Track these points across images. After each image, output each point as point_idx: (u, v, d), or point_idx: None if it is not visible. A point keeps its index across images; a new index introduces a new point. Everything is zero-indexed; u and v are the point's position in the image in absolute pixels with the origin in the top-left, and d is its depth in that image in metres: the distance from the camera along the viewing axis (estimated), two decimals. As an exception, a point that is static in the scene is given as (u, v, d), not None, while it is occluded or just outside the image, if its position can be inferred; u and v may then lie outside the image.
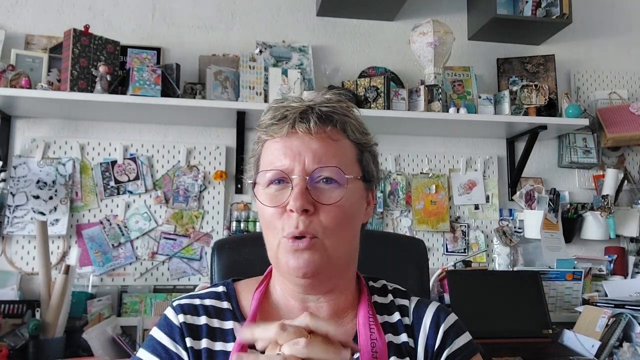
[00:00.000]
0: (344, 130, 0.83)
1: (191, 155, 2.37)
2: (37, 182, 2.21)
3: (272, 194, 0.80)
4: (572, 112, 2.44)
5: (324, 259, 0.78)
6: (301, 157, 0.79)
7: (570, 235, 2.56)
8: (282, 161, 0.79)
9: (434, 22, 2.37)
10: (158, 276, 2.26)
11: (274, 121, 0.81)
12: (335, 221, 0.78)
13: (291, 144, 0.80)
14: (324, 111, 0.82)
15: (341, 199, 0.78)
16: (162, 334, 0.83)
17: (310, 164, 0.78)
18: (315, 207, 0.78)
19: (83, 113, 2.25)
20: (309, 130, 0.79)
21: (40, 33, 2.33)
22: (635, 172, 2.73)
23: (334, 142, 0.81)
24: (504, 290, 2.15)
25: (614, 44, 2.84)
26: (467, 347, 0.87)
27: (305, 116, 0.80)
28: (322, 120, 0.81)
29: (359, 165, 0.84)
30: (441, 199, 2.53)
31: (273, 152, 0.81)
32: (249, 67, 2.28)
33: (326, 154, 0.79)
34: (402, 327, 0.87)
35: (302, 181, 0.77)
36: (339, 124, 0.82)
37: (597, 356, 1.91)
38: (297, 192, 0.76)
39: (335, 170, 0.79)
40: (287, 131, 0.80)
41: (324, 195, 0.78)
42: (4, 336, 1.81)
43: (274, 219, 0.79)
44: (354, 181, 0.81)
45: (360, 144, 0.85)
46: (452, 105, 2.39)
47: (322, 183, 0.79)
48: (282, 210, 0.78)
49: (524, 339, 2.03)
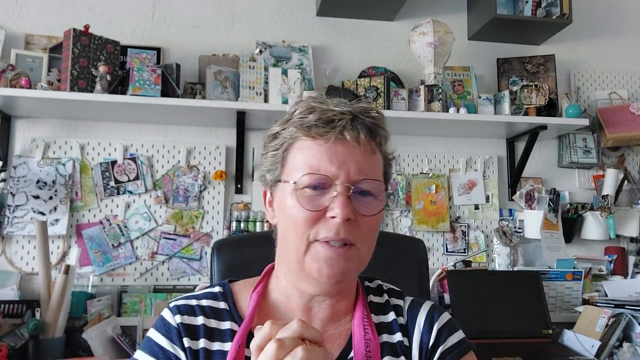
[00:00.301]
0: (381, 145, 0.84)
1: (191, 155, 2.37)
2: (37, 182, 2.21)
3: (308, 196, 0.78)
4: (572, 112, 2.44)
5: (356, 267, 0.81)
6: (347, 165, 0.78)
7: (570, 235, 2.56)
8: (326, 166, 0.78)
9: (434, 22, 2.37)
10: (158, 276, 2.26)
11: (319, 123, 0.80)
12: (371, 231, 0.81)
13: (336, 150, 0.79)
14: (371, 123, 0.82)
15: (380, 211, 0.81)
16: (159, 335, 0.83)
17: (354, 174, 0.78)
18: (355, 218, 0.78)
19: (83, 113, 2.25)
20: (358, 140, 0.80)
21: (40, 33, 2.33)
22: (635, 172, 2.73)
23: (374, 156, 0.82)
24: (504, 290, 2.15)
25: (614, 44, 2.84)
26: (460, 345, 0.88)
27: (355, 125, 0.80)
28: (370, 132, 0.81)
29: (384, 177, 0.86)
30: (441, 199, 2.53)
31: (315, 154, 0.79)
32: (249, 67, 2.28)
33: (368, 166, 0.80)
34: (397, 326, 0.88)
35: (346, 190, 0.77)
36: (380, 138, 0.84)
37: (597, 356, 1.91)
38: (343, 201, 0.76)
39: (378, 184, 0.81)
40: (334, 137, 0.79)
41: (363, 206, 0.79)
42: (4, 336, 1.81)
43: (308, 222, 0.78)
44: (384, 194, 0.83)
45: (387, 159, 0.87)
46: (452, 105, 2.39)
47: (359, 194, 0.79)
48: (319, 215, 0.78)
49: (524, 339, 2.03)
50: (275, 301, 0.87)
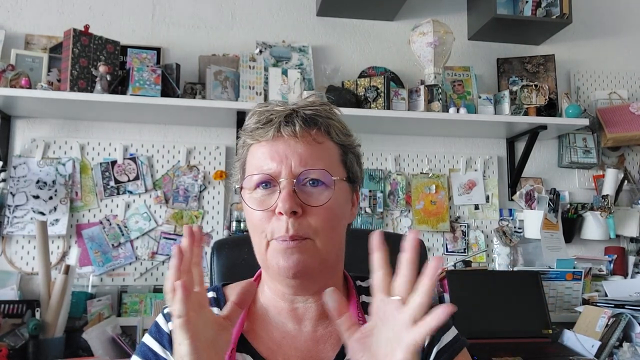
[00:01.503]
0: (328, 133, 0.84)
1: (191, 155, 2.37)
2: (37, 182, 2.21)
3: (259, 197, 0.81)
4: (572, 112, 2.44)
5: (314, 259, 0.80)
6: (288, 160, 0.79)
7: (570, 235, 2.56)
8: (268, 165, 0.80)
9: (434, 22, 2.37)
10: (158, 276, 2.26)
11: (259, 125, 0.82)
12: (325, 222, 0.80)
13: (277, 147, 0.81)
14: (308, 114, 0.82)
15: (329, 200, 0.80)
16: (153, 340, 0.85)
17: (296, 167, 0.79)
18: (304, 210, 0.79)
19: (83, 113, 2.25)
20: (295, 133, 0.80)
21: (40, 33, 2.33)
22: (635, 172, 2.73)
23: (318, 145, 0.82)
24: (504, 290, 2.15)
25: (614, 44, 2.84)
26: (454, 342, 0.88)
27: (290, 120, 0.81)
28: (307, 123, 0.82)
29: (344, 166, 0.85)
30: (441, 199, 2.53)
31: (259, 155, 0.82)
32: (249, 67, 2.28)
33: (312, 157, 0.80)
34: None
35: (290, 184, 0.78)
36: (323, 126, 0.83)
37: (597, 356, 1.91)
38: (285, 195, 0.77)
39: (322, 172, 0.80)
40: (272, 135, 0.81)
41: (311, 197, 0.79)
42: (4, 336, 1.81)
43: (263, 222, 0.80)
44: (339, 182, 0.82)
45: (344, 146, 0.86)
46: (452, 105, 2.39)
47: (309, 186, 0.80)
48: (271, 213, 0.79)
49: (524, 339, 2.03)
50: (264, 305, 0.88)
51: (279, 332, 0.85)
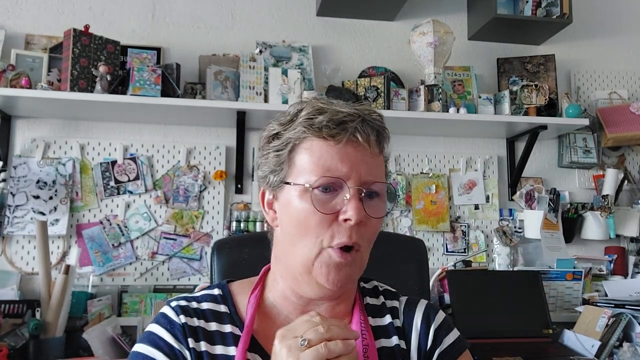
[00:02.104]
0: (384, 146, 0.85)
1: (191, 155, 2.37)
2: (37, 182, 2.21)
3: (320, 199, 0.77)
4: (572, 112, 2.44)
5: (357, 270, 0.81)
6: (358, 167, 0.78)
7: (570, 235, 2.56)
8: (339, 168, 0.77)
9: (434, 22, 2.37)
10: (158, 276, 2.26)
11: (331, 124, 0.78)
12: (374, 234, 0.82)
13: (347, 151, 0.78)
14: (377, 125, 0.82)
15: (384, 214, 0.81)
16: (164, 330, 0.81)
17: (365, 176, 0.78)
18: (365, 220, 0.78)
19: (83, 113, 2.25)
20: (368, 141, 0.79)
21: (40, 33, 2.33)
22: (636, 172, 2.73)
23: (379, 157, 0.83)
24: (504, 290, 2.15)
25: (614, 44, 2.84)
26: (456, 344, 0.88)
27: (365, 128, 0.80)
28: (378, 134, 0.82)
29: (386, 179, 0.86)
30: (441, 199, 2.53)
31: (325, 155, 0.78)
32: (249, 67, 2.28)
33: (377, 169, 0.81)
34: (394, 329, 0.87)
35: (358, 192, 0.77)
36: (383, 139, 0.84)
37: (597, 356, 1.91)
38: (356, 203, 0.76)
39: (384, 186, 0.81)
40: (346, 138, 0.78)
41: (372, 209, 0.79)
42: (4, 336, 1.81)
43: (320, 225, 0.77)
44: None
45: (386, 158, 0.87)
46: (452, 105, 2.39)
47: (368, 197, 0.79)
48: (333, 218, 0.77)
49: (524, 339, 2.03)
50: (272, 303, 0.87)
51: None
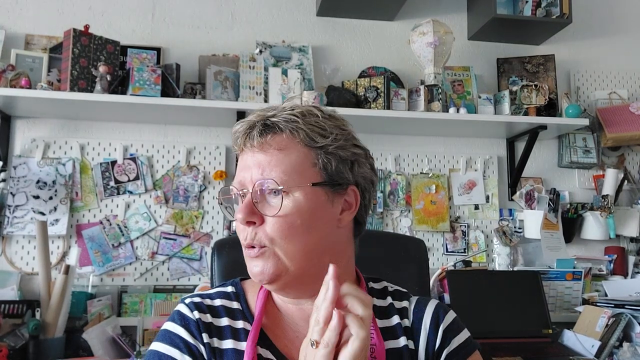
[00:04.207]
0: (294, 137, 0.81)
1: (191, 155, 2.37)
2: (37, 182, 2.21)
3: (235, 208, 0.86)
4: (572, 112, 2.44)
5: (279, 266, 0.80)
6: (249, 170, 0.81)
7: (570, 235, 2.56)
8: (240, 176, 0.83)
9: (434, 22, 2.37)
10: (158, 276, 2.26)
11: (239, 135, 0.84)
12: (280, 231, 0.79)
13: (245, 158, 0.83)
14: (273, 121, 0.81)
15: (280, 209, 0.78)
16: (180, 327, 0.83)
17: (254, 177, 0.81)
18: (263, 219, 0.80)
19: (83, 113, 2.25)
20: (253, 144, 0.81)
21: (40, 33, 2.32)
22: (635, 172, 2.73)
23: (278, 152, 0.80)
24: (504, 290, 2.15)
25: (614, 44, 2.84)
26: (465, 346, 0.87)
27: (250, 132, 0.82)
28: (265, 132, 0.81)
29: (319, 169, 0.81)
30: (441, 199, 2.53)
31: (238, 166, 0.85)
32: (249, 67, 2.28)
33: (269, 165, 0.80)
34: (402, 330, 0.87)
35: (248, 195, 0.81)
36: (288, 131, 0.80)
37: (597, 356, 1.91)
38: (241, 206, 0.81)
39: (271, 182, 0.79)
40: (240, 146, 0.84)
41: (268, 207, 0.80)
42: (4, 336, 1.81)
43: (239, 230, 0.84)
44: (305, 188, 0.79)
45: (316, 147, 0.81)
46: (452, 105, 2.39)
47: (269, 195, 0.80)
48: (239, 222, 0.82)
49: (524, 339, 2.03)
50: (277, 304, 0.89)
51: (292, 332, 0.86)
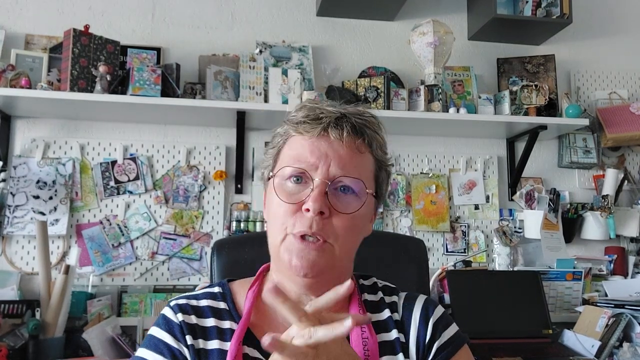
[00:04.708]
0: (370, 145, 0.85)
1: (191, 155, 2.37)
2: (37, 182, 2.21)
3: (289, 190, 0.81)
4: (572, 112, 2.44)
5: (329, 263, 0.80)
6: (327, 160, 0.80)
7: (570, 235, 2.56)
8: (307, 159, 0.80)
9: (434, 22, 2.37)
10: (158, 276, 2.26)
11: (307, 120, 0.82)
12: (347, 230, 0.80)
13: (319, 145, 0.81)
14: (359, 123, 0.83)
15: (357, 210, 0.80)
16: (163, 332, 0.84)
17: (334, 170, 0.80)
18: (330, 212, 0.79)
19: (83, 113, 2.25)
20: (341, 137, 0.81)
21: (40, 33, 2.32)
22: (635, 172, 2.73)
23: (360, 155, 0.83)
24: (504, 290, 2.15)
25: (614, 44, 2.84)
26: (455, 339, 0.88)
27: (340, 123, 0.82)
28: (355, 131, 0.82)
29: (375, 181, 0.86)
30: (441, 199, 2.53)
31: (299, 148, 0.82)
32: (249, 67, 2.28)
33: (352, 164, 0.81)
34: (392, 323, 0.88)
35: (323, 185, 0.79)
36: (368, 138, 0.84)
37: (597, 356, 1.91)
38: (316, 194, 0.78)
39: (358, 182, 0.81)
40: (319, 132, 0.81)
41: (341, 203, 0.80)
42: (4, 336, 1.81)
43: (286, 214, 0.80)
44: (370, 197, 0.83)
45: (380, 161, 0.87)
46: (452, 105, 2.39)
47: (340, 191, 0.80)
48: (297, 207, 0.79)
49: (524, 339, 2.03)
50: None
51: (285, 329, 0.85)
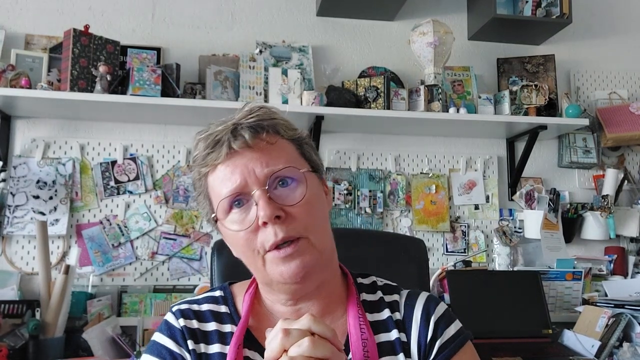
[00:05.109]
0: (277, 132, 0.83)
1: (191, 155, 2.36)
2: (37, 182, 2.21)
3: (237, 219, 0.79)
4: (572, 112, 2.44)
5: (314, 256, 0.79)
6: (249, 169, 0.78)
7: (570, 235, 2.56)
8: (234, 182, 0.79)
9: (434, 22, 2.37)
10: (158, 276, 2.26)
11: (208, 150, 0.81)
12: (310, 217, 0.79)
13: (235, 162, 0.79)
14: (251, 122, 0.81)
15: (305, 194, 0.79)
16: (165, 337, 0.84)
17: (261, 172, 0.78)
18: (286, 212, 0.77)
19: (83, 113, 2.25)
20: (246, 143, 0.79)
21: (40, 33, 2.32)
22: (635, 172, 2.73)
23: (272, 146, 0.81)
24: (504, 290, 2.15)
25: (614, 44, 2.84)
26: (457, 336, 0.87)
27: (236, 133, 0.80)
28: (253, 130, 0.81)
29: (304, 158, 0.85)
30: (441, 199, 2.53)
31: (221, 178, 0.80)
32: (249, 67, 2.28)
33: (272, 158, 0.79)
34: (393, 323, 0.87)
35: (263, 192, 0.77)
36: (271, 128, 0.82)
37: (597, 356, 1.91)
38: (263, 204, 0.76)
39: (288, 169, 0.79)
40: (225, 153, 0.79)
41: (288, 197, 0.79)
42: (4, 336, 1.81)
43: (250, 240, 0.78)
44: (308, 174, 0.82)
45: (295, 139, 0.85)
46: (452, 105, 2.39)
47: (280, 187, 0.79)
48: (255, 227, 0.78)
49: (524, 339, 2.03)
50: (268, 306, 0.88)
51: None
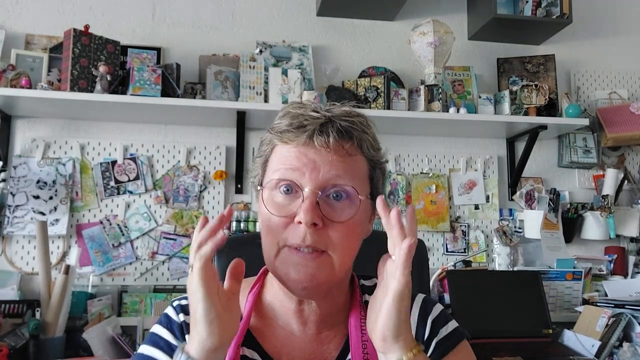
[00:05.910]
0: (360, 147, 0.81)
1: (191, 155, 2.37)
2: (37, 182, 2.21)
3: (279, 202, 0.78)
4: (572, 112, 2.44)
5: (328, 275, 0.77)
6: (315, 168, 0.76)
7: (570, 235, 2.56)
8: (295, 169, 0.77)
9: (434, 22, 2.37)
10: (158, 276, 2.26)
11: (290, 128, 0.79)
12: (344, 238, 0.77)
13: (306, 152, 0.78)
14: (344, 126, 0.79)
15: (352, 217, 0.77)
16: (164, 329, 0.85)
17: (324, 177, 0.76)
18: (324, 223, 0.76)
19: (83, 113, 2.25)
20: (327, 144, 0.77)
21: (40, 33, 2.33)
22: (635, 171, 2.73)
23: (350, 158, 0.79)
24: (504, 290, 2.15)
25: (614, 44, 2.84)
26: (453, 334, 0.88)
27: (324, 129, 0.78)
28: (341, 135, 0.79)
29: (370, 182, 0.83)
30: (441, 199, 2.53)
31: (285, 157, 0.79)
32: (249, 67, 2.28)
33: (342, 169, 0.77)
34: None
35: (313, 195, 0.75)
36: (357, 140, 0.81)
37: (597, 356, 1.91)
38: (307, 206, 0.74)
39: (350, 188, 0.77)
40: (304, 141, 0.78)
41: (334, 211, 0.77)
42: (4, 336, 1.81)
43: (278, 228, 0.77)
44: (365, 201, 0.80)
45: (373, 161, 0.84)
46: (452, 105, 2.39)
47: (332, 198, 0.77)
48: (289, 220, 0.77)
49: (524, 339, 2.03)
50: (270, 303, 0.88)
51: (284, 332, 0.85)
